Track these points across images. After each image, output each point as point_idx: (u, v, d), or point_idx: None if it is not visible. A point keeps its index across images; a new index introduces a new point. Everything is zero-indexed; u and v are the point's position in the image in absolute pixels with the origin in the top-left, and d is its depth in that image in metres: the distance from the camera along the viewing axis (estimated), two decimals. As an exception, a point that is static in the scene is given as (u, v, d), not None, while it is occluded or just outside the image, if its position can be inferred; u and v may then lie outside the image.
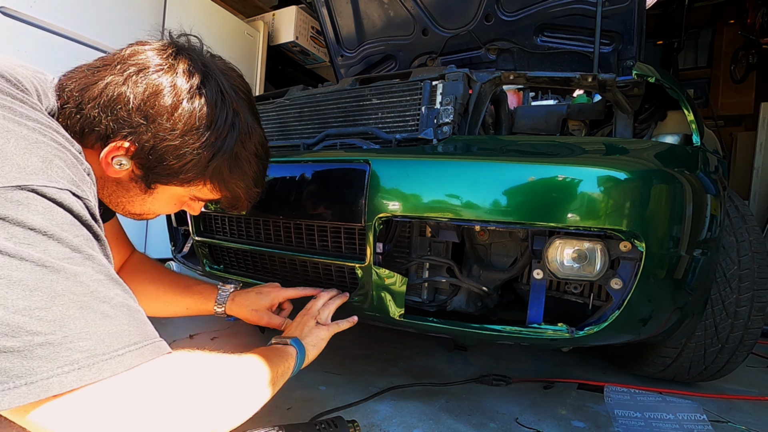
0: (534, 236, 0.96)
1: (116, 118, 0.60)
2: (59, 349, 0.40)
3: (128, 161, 0.63)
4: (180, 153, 0.63)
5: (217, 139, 0.65)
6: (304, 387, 1.18)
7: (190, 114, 0.62)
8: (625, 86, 1.10)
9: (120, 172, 0.63)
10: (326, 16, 2.27)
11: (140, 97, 0.60)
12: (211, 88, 0.65)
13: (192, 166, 0.65)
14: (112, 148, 0.61)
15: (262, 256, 1.25)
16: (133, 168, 0.64)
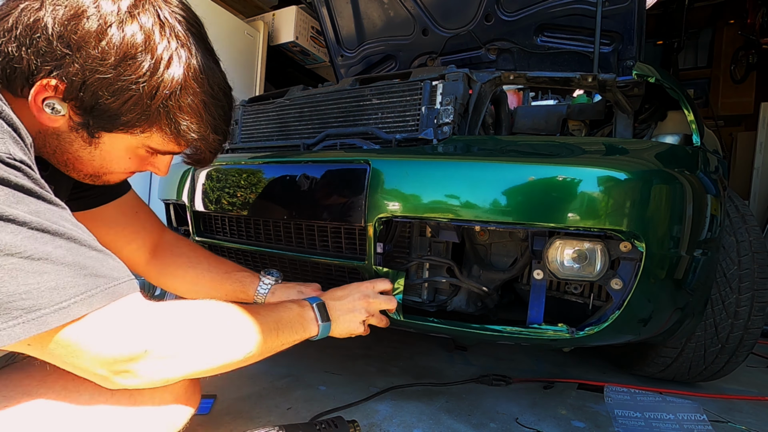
0: (534, 236, 0.96)
1: (36, 51, 0.52)
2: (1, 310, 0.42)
3: (61, 105, 0.55)
4: (116, 88, 0.54)
5: (159, 72, 0.56)
6: (304, 387, 1.18)
7: (121, 40, 0.53)
8: (625, 86, 1.10)
9: (57, 120, 0.56)
10: (326, 16, 2.27)
11: (60, 22, 0.51)
12: (146, 14, 0.56)
13: (132, 104, 0.56)
14: (39, 88, 0.53)
15: (263, 256, 1.25)
16: (70, 114, 0.56)
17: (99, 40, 0.53)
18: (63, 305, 0.45)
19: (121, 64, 0.54)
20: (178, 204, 1.56)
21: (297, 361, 1.37)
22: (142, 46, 0.55)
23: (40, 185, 0.48)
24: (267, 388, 1.16)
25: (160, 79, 0.56)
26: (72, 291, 0.46)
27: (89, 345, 0.48)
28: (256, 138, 1.49)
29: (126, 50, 0.54)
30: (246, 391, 1.13)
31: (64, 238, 0.47)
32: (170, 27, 0.58)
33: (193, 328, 0.58)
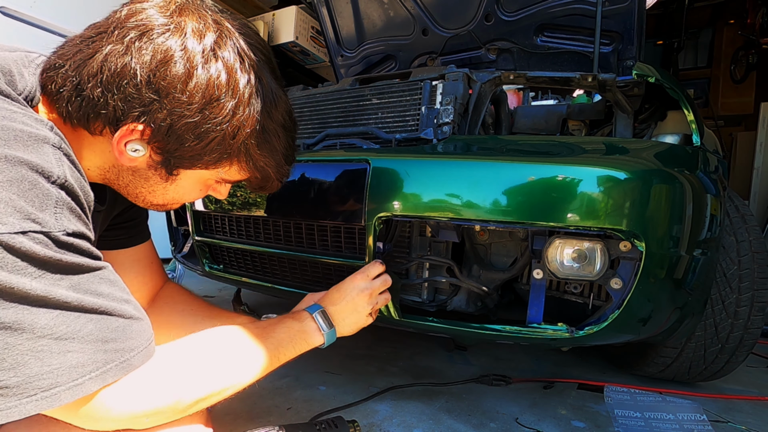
0: (534, 236, 0.96)
1: (124, 97, 0.52)
2: (15, 390, 0.43)
3: (144, 146, 0.55)
4: (201, 131, 0.55)
5: (241, 111, 0.57)
6: (304, 387, 1.18)
7: (207, 82, 0.53)
8: (625, 86, 1.10)
9: (136, 160, 0.56)
10: (326, 16, 2.27)
11: (148, 68, 0.51)
12: (227, 49, 0.56)
13: (216, 144, 0.57)
14: (125, 132, 0.53)
15: (262, 255, 1.25)
16: (151, 153, 0.57)
17: (186, 83, 0.53)
18: (78, 381, 0.46)
19: (206, 107, 0.55)
20: (178, 204, 1.56)
21: (297, 361, 1.36)
22: (225, 87, 0.55)
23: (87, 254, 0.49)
24: (267, 388, 1.16)
25: (242, 118, 0.57)
26: (90, 368, 0.47)
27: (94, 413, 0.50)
28: (256, 138, 1.49)
29: (212, 93, 0.54)
30: (246, 391, 1.12)
31: (98, 312, 0.48)
32: (249, 60, 0.58)
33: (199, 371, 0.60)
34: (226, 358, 0.64)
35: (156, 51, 0.52)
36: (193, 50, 0.53)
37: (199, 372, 0.59)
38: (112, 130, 0.54)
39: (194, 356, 0.61)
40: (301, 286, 1.19)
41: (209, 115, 0.55)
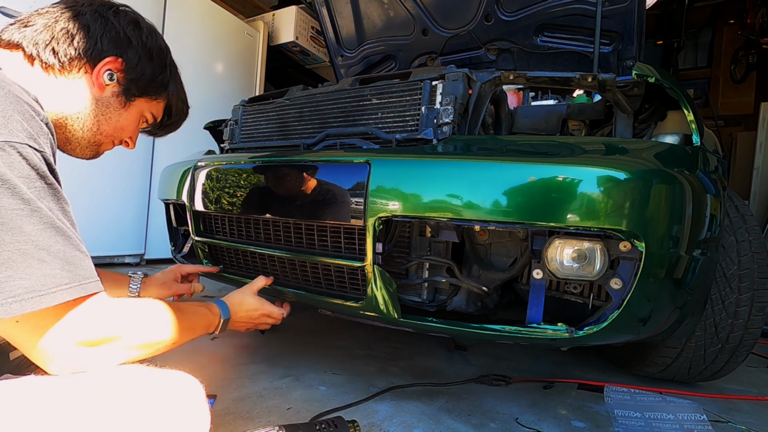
0: (534, 236, 0.96)
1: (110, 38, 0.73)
2: (4, 285, 0.51)
3: (116, 74, 0.75)
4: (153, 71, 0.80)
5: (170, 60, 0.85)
6: (304, 387, 1.18)
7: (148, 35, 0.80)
8: (625, 86, 1.10)
9: (105, 88, 0.75)
10: (326, 16, 2.27)
11: (126, 27, 0.76)
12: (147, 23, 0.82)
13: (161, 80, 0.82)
14: (108, 61, 0.73)
15: (262, 256, 1.25)
16: (118, 84, 0.76)
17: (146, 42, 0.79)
18: (52, 290, 0.54)
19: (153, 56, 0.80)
20: (178, 204, 1.56)
21: (297, 361, 1.37)
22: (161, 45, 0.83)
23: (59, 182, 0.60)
24: (267, 388, 1.16)
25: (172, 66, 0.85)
26: (59, 280, 0.55)
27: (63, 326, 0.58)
28: (256, 138, 1.50)
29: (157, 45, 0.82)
30: (246, 391, 1.13)
31: (64, 235, 0.57)
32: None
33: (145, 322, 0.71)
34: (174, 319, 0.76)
35: (130, 20, 0.78)
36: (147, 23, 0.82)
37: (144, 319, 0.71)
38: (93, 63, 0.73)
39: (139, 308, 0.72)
40: (301, 286, 1.19)
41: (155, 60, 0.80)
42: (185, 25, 3.08)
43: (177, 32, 3.00)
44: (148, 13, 2.78)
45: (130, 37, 0.77)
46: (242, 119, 1.56)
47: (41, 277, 0.54)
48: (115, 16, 0.76)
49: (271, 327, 1.08)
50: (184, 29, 3.07)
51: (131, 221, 2.84)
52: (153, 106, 0.85)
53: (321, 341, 1.60)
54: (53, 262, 0.55)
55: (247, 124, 1.54)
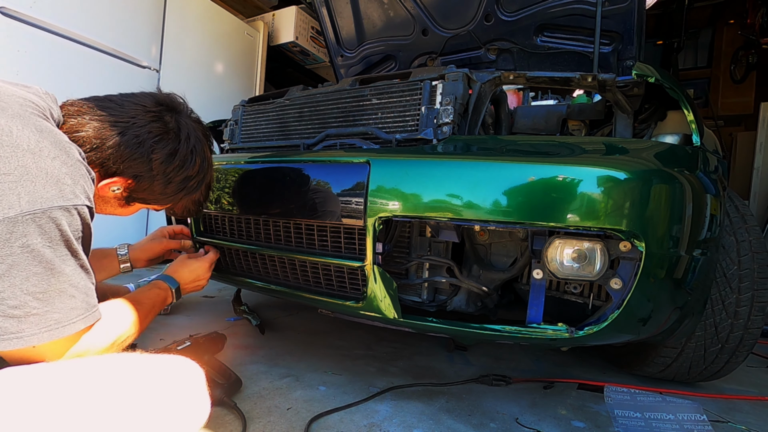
0: (534, 236, 0.96)
1: (132, 165, 0.78)
2: (41, 319, 0.60)
3: (122, 188, 0.80)
4: (164, 191, 0.84)
5: (188, 183, 0.87)
6: (304, 387, 1.18)
7: (175, 168, 0.83)
8: (625, 86, 1.10)
9: (109, 193, 0.80)
10: (326, 16, 2.27)
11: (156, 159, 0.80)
12: (189, 143, 0.85)
13: (170, 200, 0.88)
14: (117, 181, 0.78)
15: (262, 256, 1.25)
16: (122, 192, 0.81)
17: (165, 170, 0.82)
18: (74, 321, 0.64)
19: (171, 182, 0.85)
20: (178, 204, 1.56)
21: (297, 361, 1.37)
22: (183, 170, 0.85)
23: None
24: (267, 388, 1.16)
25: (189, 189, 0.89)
26: (78, 312, 0.65)
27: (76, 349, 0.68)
28: (256, 138, 1.50)
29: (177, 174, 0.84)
30: (246, 391, 1.13)
31: (86, 271, 0.67)
32: (200, 149, 0.89)
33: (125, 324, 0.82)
34: (135, 313, 0.85)
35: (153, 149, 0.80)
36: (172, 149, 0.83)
37: (124, 321, 0.82)
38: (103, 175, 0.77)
39: (119, 312, 0.82)
40: (300, 286, 1.19)
41: (171, 186, 0.85)
42: (185, 25, 3.08)
43: (177, 32, 3.00)
44: (148, 13, 2.79)
45: (152, 168, 0.80)
46: (242, 119, 1.56)
47: (67, 310, 0.63)
48: (154, 145, 0.79)
49: (271, 327, 1.09)
50: (184, 29, 3.07)
51: (131, 221, 2.83)
52: (155, 207, 0.91)
53: (321, 341, 1.60)
54: (77, 296, 0.64)
55: (247, 124, 1.54)
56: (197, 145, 0.87)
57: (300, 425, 0.97)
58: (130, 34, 2.65)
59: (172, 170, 0.82)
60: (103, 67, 2.50)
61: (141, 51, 2.73)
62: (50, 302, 0.61)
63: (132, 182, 0.79)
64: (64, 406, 0.57)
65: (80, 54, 2.40)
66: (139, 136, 0.77)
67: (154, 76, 2.83)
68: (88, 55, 2.43)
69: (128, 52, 2.64)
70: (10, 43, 2.10)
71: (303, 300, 1.19)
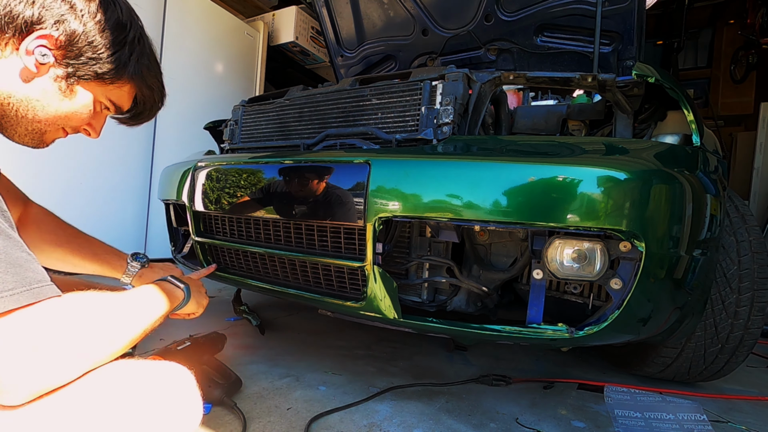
0: (534, 236, 0.96)
1: (43, 5, 0.60)
2: None
3: (51, 54, 0.62)
4: (101, 46, 0.65)
5: (133, 37, 0.69)
6: (304, 387, 1.18)
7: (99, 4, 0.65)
8: (625, 86, 1.10)
9: (39, 69, 0.62)
10: (326, 16, 2.27)
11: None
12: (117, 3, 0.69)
13: (115, 58, 0.67)
14: (39, 36, 0.60)
15: (262, 256, 1.25)
16: (55, 61, 0.63)
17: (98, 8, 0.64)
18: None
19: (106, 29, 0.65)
20: (178, 204, 1.56)
21: (297, 361, 1.37)
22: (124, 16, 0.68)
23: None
24: (267, 388, 1.16)
25: (136, 41, 0.70)
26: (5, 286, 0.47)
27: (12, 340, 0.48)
28: (256, 138, 1.50)
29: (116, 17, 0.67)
30: (246, 391, 1.13)
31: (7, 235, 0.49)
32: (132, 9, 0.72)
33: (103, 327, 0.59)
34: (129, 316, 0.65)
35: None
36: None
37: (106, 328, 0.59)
38: (21, 38, 0.60)
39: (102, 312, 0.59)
40: (300, 286, 1.19)
41: (110, 35, 0.66)
42: (185, 25, 3.08)
43: (177, 32, 3.00)
44: (148, 13, 2.79)
45: (73, 5, 0.62)
46: (242, 119, 1.56)
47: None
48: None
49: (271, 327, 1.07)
50: (184, 29, 3.07)
51: (131, 221, 2.83)
52: (111, 91, 0.71)
53: (321, 341, 1.60)
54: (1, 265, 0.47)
55: (247, 124, 1.54)
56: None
57: (300, 425, 0.97)
58: (130, 34, 2.65)
59: (97, 9, 0.65)
60: (103, 67, 2.50)
61: (141, 51, 2.73)
62: None
63: (60, 36, 0.62)
64: (51, 415, 0.51)
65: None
66: None
67: (154, 76, 2.83)
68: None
69: (128, 52, 2.64)
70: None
71: (303, 300, 1.19)
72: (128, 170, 2.80)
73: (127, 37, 0.69)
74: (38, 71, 0.62)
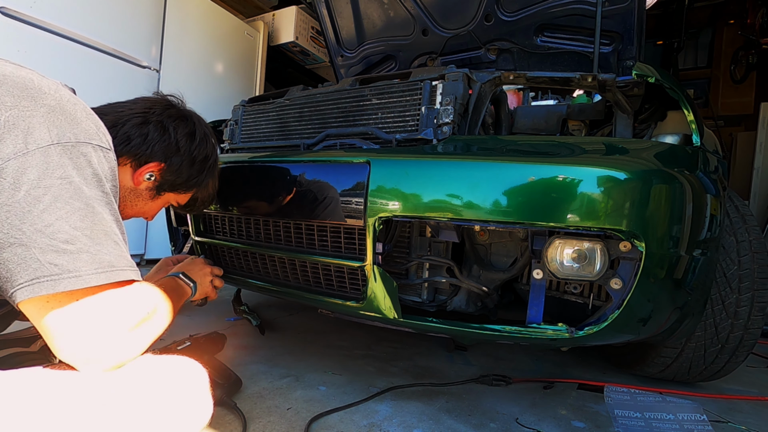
0: (534, 236, 0.96)
1: (160, 147, 0.83)
2: (94, 258, 0.57)
3: (155, 175, 0.84)
4: (190, 171, 0.89)
5: (210, 164, 0.94)
6: (304, 387, 1.18)
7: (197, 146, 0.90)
8: (625, 86, 1.10)
9: (143, 183, 0.84)
10: (326, 16, 2.27)
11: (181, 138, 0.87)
12: (202, 124, 0.94)
13: (195, 181, 0.92)
14: (151, 166, 0.83)
15: (262, 256, 1.25)
16: (155, 180, 0.85)
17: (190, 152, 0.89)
18: (124, 268, 0.61)
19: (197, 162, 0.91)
20: (178, 204, 1.56)
21: (297, 361, 1.37)
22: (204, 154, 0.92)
23: None
24: (267, 388, 1.16)
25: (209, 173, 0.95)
26: (129, 263, 0.62)
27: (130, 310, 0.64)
28: (256, 138, 1.50)
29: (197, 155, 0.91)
30: (246, 391, 1.13)
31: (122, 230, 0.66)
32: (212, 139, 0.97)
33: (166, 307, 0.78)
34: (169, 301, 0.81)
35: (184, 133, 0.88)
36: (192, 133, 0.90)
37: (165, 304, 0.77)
38: (140, 164, 0.82)
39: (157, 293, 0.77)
40: (300, 286, 1.19)
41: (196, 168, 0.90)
42: (185, 25, 3.08)
43: (177, 32, 3.00)
44: (148, 13, 2.79)
45: (180, 147, 0.86)
46: (242, 119, 1.56)
47: (118, 256, 0.61)
48: (176, 127, 0.86)
49: (271, 327, 1.07)
50: (184, 29, 3.07)
51: (131, 221, 2.83)
52: (179, 197, 0.94)
53: (321, 341, 1.60)
54: (122, 247, 0.63)
55: (247, 124, 1.54)
56: (207, 128, 0.95)
57: (300, 425, 0.97)
58: (130, 34, 2.65)
59: (195, 148, 0.88)
60: (103, 67, 2.50)
61: (141, 51, 2.73)
62: (99, 242, 0.58)
63: (164, 165, 0.84)
64: (64, 406, 0.54)
65: (80, 54, 2.40)
66: (161, 122, 0.84)
67: (154, 76, 2.83)
68: (88, 55, 2.43)
69: (128, 52, 2.64)
70: (10, 43, 2.10)
71: (303, 300, 1.19)
72: (128, 170, 2.80)
73: (207, 165, 0.93)
74: (140, 185, 0.84)
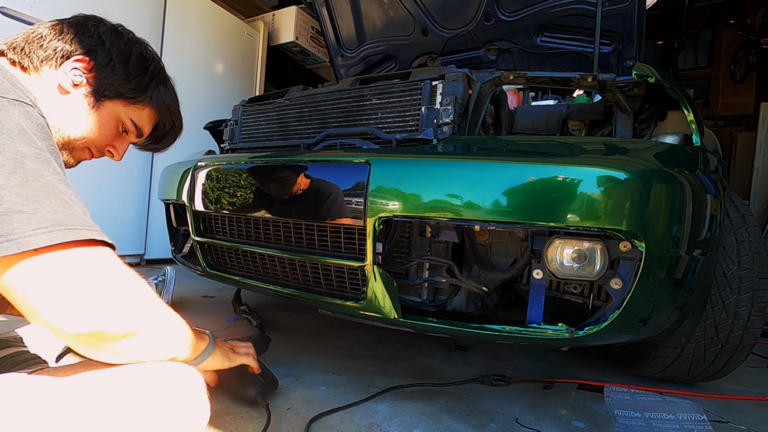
0: (534, 236, 0.96)
1: (80, 40, 0.75)
2: (31, 217, 0.50)
3: (83, 75, 0.75)
4: (127, 73, 0.79)
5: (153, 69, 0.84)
6: (304, 387, 1.18)
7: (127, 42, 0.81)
8: (625, 86, 1.10)
9: (72, 85, 0.74)
10: (326, 16, 2.27)
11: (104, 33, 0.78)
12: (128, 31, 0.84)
13: (137, 83, 0.80)
14: (76, 59, 0.74)
15: (262, 256, 1.25)
16: (87, 82, 0.76)
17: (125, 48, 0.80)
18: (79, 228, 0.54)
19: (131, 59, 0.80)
20: (178, 204, 1.56)
21: (297, 361, 1.37)
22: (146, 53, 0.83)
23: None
24: (267, 388, 1.16)
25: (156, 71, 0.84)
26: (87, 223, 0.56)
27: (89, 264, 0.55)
28: (256, 138, 1.50)
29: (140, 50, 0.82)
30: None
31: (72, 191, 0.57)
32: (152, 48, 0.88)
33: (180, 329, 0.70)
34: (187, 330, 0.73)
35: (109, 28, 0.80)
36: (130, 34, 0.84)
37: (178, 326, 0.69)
38: (60, 62, 0.74)
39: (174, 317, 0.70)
40: (300, 286, 1.19)
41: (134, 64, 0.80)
42: (185, 25, 3.08)
43: (177, 32, 3.00)
44: (148, 13, 2.79)
45: (104, 41, 0.77)
46: (242, 119, 1.56)
47: (68, 215, 0.53)
48: (96, 26, 0.78)
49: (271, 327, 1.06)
50: (184, 29, 3.07)
51: (131, 221, 2.84)
52: (132, 112, 0.82)
53: (321, 341, 1.60)
54: (74, 206, 0.55)
55: (247, 124, 1.54)
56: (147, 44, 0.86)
57: (300, 425, 0.97)
58: (130, 34, 2.65)
59: (125, 44, 0.79)
60: (103, 67, 2.50)
61: (141, 51, 2.73)
62: (37, 200, 0.51)
63: (90, 60, 0.75)
64: (60, 412, 0.53)
65: (80, 54, 2.40)
66: (78, 22, 0.78)
67: (154, 76, 2.84)
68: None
69: (128, 52, 2.64)
70: (10, 43, 2.10)
71: (303, 300, 1.19)
72: (128, 170, 2.81)
73: (148, 68, 0.83)
74: (71, 90, 0.74)
